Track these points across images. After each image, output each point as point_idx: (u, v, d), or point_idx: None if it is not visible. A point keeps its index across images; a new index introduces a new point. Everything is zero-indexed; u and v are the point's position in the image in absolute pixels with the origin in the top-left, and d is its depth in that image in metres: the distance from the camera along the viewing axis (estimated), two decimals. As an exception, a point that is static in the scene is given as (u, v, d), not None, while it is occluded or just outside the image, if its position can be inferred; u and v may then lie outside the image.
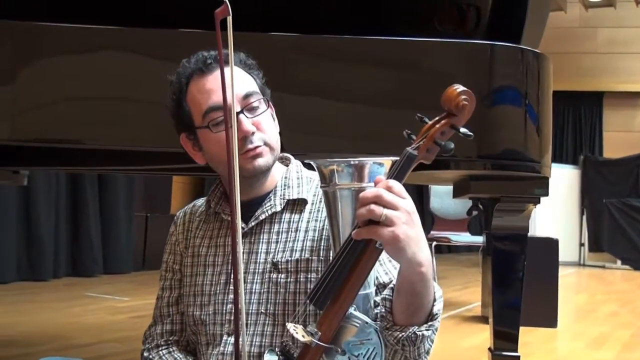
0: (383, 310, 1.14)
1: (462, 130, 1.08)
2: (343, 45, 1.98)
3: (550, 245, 4.24)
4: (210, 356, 1.35)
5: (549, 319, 4.07)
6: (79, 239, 5.87)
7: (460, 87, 1.08)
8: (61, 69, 1.75)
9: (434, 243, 4.80)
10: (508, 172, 2.01)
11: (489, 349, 2.22)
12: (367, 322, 1.08)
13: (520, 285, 2.23)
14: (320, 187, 1.15)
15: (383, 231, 1.01)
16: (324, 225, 1.32)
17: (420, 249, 1.06)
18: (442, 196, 4.93)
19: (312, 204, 1.36)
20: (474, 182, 2.07)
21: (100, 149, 2.07)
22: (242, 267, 1.17)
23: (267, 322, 1.30)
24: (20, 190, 5.38)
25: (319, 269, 1.29)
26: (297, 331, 1.08)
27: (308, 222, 1.34)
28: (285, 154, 1.48)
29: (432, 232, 5.01)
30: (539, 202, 2.15)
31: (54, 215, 5.66)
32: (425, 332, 1.12)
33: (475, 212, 2.38)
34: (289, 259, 1.31)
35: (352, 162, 1.10)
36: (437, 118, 1.10)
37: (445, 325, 4.22)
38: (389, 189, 1.03)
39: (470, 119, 1.96)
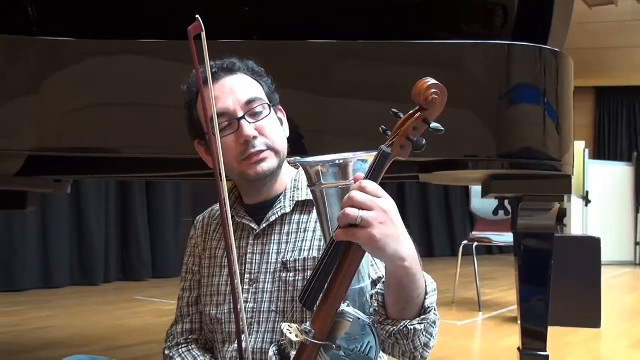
0: (376, 304, 1.16)
1: (433, 125, 1.07)
2: (378, 50, 2.01)
3: (592, 245, 4.18)
4: (226, 353, 1.40)
5: (592, 319, 4.01)
6: (129, 245, 6.06)
7: (430, 81, 1.06)
8: (84, 79, 1.84)
9: (475, 244, 4.76)
10: (527, 171, 2.00)
11: (518, 348, 2.21)
12: (359, 318, 1.10)
13: (547, 284, 2.22)
14: (308, 186, 1.17)
15: (360, 233, 1.03)
16: None
17: (402, 245, 1.07)
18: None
19: None
20: (495, 182, 2.07)
21: (131, 157, 2.16)
22: (237, 268, 1.21)
23: (277, 319, 1.35)
24: (72, 199, 5.59)
25: None
26: (291, 331, 1.11)
27: (316, 222, 1.38)
28: (306, 158, 1.52)
29: (473, 233, 4.98)
30: (562, 200, 2.15)
31: (104, 221, 5.86)
32: (417, 326, 1.13)
33: (501, 212, 2.39)
34: (297, 258, 1.35)
35: (336, 162, 1.11)
36: (409, 113, 1.08)
37: (487, 325, 4.20)
38: (362, 189, 1.04)
39: (488, 119, 1.98)
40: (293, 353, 1.16)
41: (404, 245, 1.08)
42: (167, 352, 1.49)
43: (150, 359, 2.99)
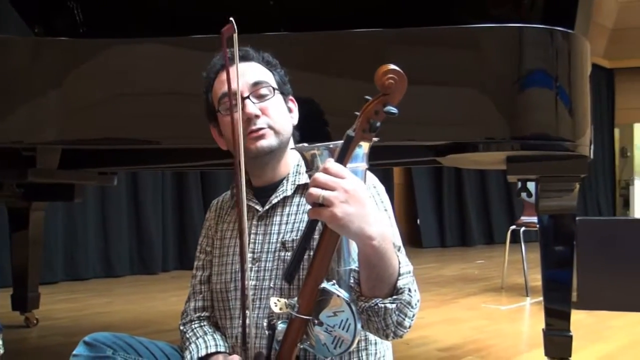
0: (352, 281, 1.23)
1: (387, 107, 1.12)
2: (430, 35, 2.06)
3: (640, 227, 4.10)
4: (233, 329, 1.49)
5: (640, 303, 3.94)
6: (186, 234, 6.24)
7: (389, 66, 1.12)
8: (104, 75, 1.97)
9: (522, 228, 4.73)
10: (540, 152, 2.02)
11: (542, 329, 2.23)
12: (339, 295, 1.17)
13: (570, 265, 2.23)
14: (306, 172, 1.26)
15: (323, 212, 1.11)
16: None
17: (369, 223, 1.13)
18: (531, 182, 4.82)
19: None
20: (510, 164, 2.11)
21: (160, 149, 2.28)
22: (246, 249, 1.29)
23: (276, 296, 1.43)
24: (129, 191, 5.84)
25: None
26: (277, 304, 1.21)
27: None
28: (303, 144, 1.61)
29: (521, 218, 4.94)
30: (580, 181, 2.16)
31: (160, 212, 6.07)
32: (388, 305, 1.19)
33: (524, 194, 2.41)
34: (295, 238, 1.43)
35: (330, 146, 1.18)
36: (373, 97, 1.14)
37: (533, 310, 4.18)
38: (325, 171, 1.12)
39: (500, 102, 2.01)
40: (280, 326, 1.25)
41: (372, 225, 1.13)
42: (181, 327, 1.60)
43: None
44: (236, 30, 1.25)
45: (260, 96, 1.45)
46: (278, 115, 1.47)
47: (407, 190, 9.20)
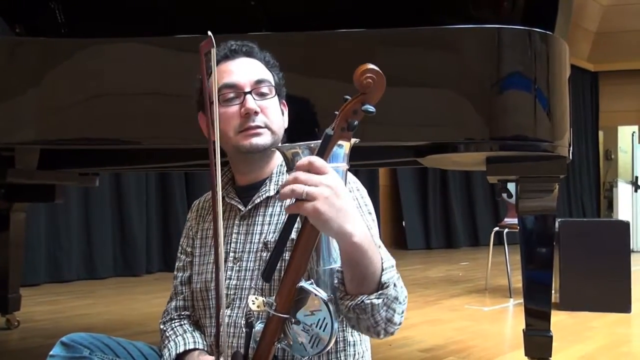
0: (336, 280, 1.23)
1: (364, 107, 1.12)
2: (417, 36, 2.07)
3: (621, 229, 4.14)
4: (213, 328, 1.49)
5: (621, 304, 3.98)
6: (170, 236, 6.22)
7: (368, 66, 1.11)
8: (84, 75, 1.96)
9: (506, 230, 4.76)
10: (518, 153, 2.04)
11: (523, 330, 2.24)
12: (317, 294, 1.16)
13: (550, 265, 2.25)
14: (287, 171, 1.25)
15: (306, 206, 1.10)
16: None
17: (349, 220, 1.12)
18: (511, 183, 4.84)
19: None
20: (490, 165, 2.12)
21: (142, 149, 2.28)
22: (222, 250, 1.29)
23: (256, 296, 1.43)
24: (113, 192, 5.81)
25: None
26: (255, 302, 1.20)
27: None
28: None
29: (505, 220, 4.97)
30: (559, 182, 2.17)
31: (145, 214, 6.05)
32: (374, 301, 1.19)
33: (504, 194, 2.43)
34: (277, 238, 1.43)
35: (311, 145, 1.17)
36: (352, 97, 1.14)
37: (516, 311, 4.20)
38: (309, 165, 1.12)
39: (479, 103, 2.01)
40: (259, 325, 1.25)
41: (351, 221, 1.13)
42: (161, 326, 1.60)
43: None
44: (214, 45, 1.24)
45: (261, 94, 1.46)
46: (275, 116, 1.47)
47: (393, 192, 9.22)
